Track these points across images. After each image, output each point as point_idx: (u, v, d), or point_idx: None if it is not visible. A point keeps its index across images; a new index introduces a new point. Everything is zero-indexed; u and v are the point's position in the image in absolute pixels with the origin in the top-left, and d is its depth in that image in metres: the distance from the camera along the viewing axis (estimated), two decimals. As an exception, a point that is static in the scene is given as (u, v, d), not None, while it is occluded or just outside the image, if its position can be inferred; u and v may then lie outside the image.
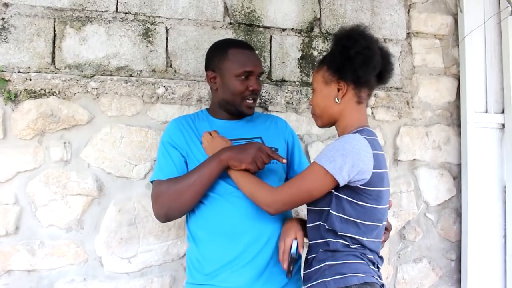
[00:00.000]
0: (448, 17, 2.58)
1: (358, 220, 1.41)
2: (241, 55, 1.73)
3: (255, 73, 1.73)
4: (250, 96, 1.73)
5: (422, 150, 2.49)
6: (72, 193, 1.96)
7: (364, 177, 1.38)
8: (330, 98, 1.50)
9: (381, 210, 1.45)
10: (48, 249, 1.93)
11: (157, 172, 1.70)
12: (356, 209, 1.41)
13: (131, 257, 2.02)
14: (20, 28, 1.94)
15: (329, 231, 1.44)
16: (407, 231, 2.44)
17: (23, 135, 1.92)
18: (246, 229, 1.59)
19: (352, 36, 1.47)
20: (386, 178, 1.47)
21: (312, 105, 1.58)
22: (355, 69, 1.44)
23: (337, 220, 1.42)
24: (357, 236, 1.41)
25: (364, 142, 1.39)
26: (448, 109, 2.56)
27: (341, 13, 2.37)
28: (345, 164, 1.35)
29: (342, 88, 1.49)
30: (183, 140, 1.72)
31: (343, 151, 1.37)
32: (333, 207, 1.42)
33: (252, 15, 2.23)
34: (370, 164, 1.37)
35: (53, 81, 1.95)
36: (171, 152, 1.70)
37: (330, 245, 1.43)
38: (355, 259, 1.41)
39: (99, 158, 2.00)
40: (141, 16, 2.08)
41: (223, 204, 1.62)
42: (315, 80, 1.56)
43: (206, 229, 1.65)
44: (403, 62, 2.48)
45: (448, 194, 2.54)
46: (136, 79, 2.04)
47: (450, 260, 2.53)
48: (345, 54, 1.45)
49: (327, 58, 1.56)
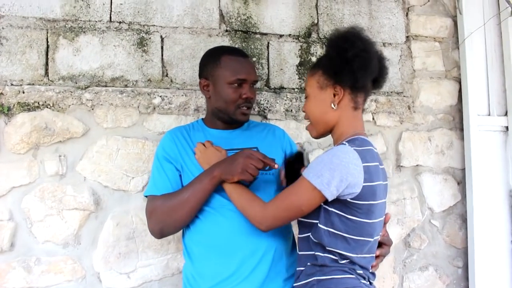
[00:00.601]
0: (447, 20, 2.54)
1: (347, 234, 1.35)
2: (234, 63, 1.69)
3: (248, 81, 1.69)
4: (244, 104, 1.69)
5: (425, 155, 2.45)
6: (68, 207, 1.92)
7: (353, 191, 1.32)
8: (326, 104, 1.43)
9: (372, 225, 1.38)
10: (45, 265, 1.88)
11: (151, 187, 1.67)
12: (345, 223, 1.35)
13: (130, 272, 1.97)
14: (12, 40, 1.91)
15: (317, 244, 1.39)
16: (412, 239, 2.39)
17: (17, 149, 1.88)
18: (241, 244, 1.54)
19: (348, 38, 1.40)
20: (380, 191, 1.40)
21: (306, 112, 1.50)
22: (353, 72, 1.37)
23: (325, 234, 1.37)
24: (346, 252, 1.36)
25: (354, 154, 1.32)
26: (450, 113, 2.52)
27: (339, 18, 2.34)
28: (333, 179, 1.29)
29: (338, 93, 1.42)
30: (177, 153, 1.69)
31: (330, 165, 1.31)
32: (322, 220, 1.37)
33: (249, 22, 2.20)
34: (360, 178, 1.31)
35: (46, 93, 1.91)
36: (165, 167, 1.67)
37: (318, 259, 1.39)
38: (343, 273, 1.36)
39: (96, 171, 1.95)
40: (136, 25, 2.05)
41: (217, 218, 1.58)
42: (309, 85, 1.48)
43: (200, 244, 1.61)
44: (403, 66, 2.44)
45: (453, 199, 2.49)
46: (131, 90, 2.00)
47: (457, 268, 2.47)
48: (342, 57, 1.38)
49: (321, 61, 1.50)
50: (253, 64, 1.78)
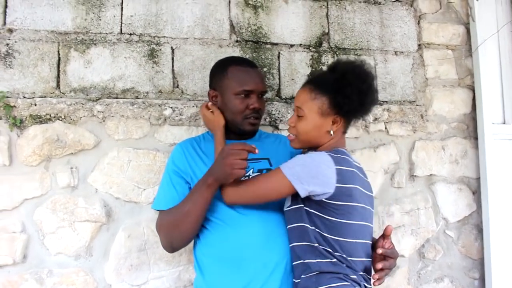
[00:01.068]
0: (460, 27, 2.51)
1: (328, 235, 1.42)
2: (240, 73, 1.69)
3: (255, 91, 1.68)
4: (251, 115, 1.69)
5: (439, 165, 2.41)
6: (80, 219, 1.92)
7: (327, 191, 1.39)
8: (323, 130, 1.51)
9: (352, 226, 1.43)
10: (57, 277, 1.88)
11: (159, 201, 1.67)
12: (325, 224, 1.43)
13: (142, 284, 1.96)
14: (24, 53, 1.93)
15: (308, 250, 1.44)
16: (426, 250, 2.35)
17: (29, 161, 1.89)
18: (252, 257, 1.52)
19: (360, 74, 1.49)
20: (358, 195, 1.45)
21: (297, 129, 1.53)
22: (359, 106, 1.48)
23: (313, 234, 1.44)
24: (333, 251, 1.42)
25: (327, 157, 1.42)
26: (464, 122, 2.48)
27: (350, 27, 2.32)
28: (303, 173, 1.40)
29: (337, 122, 1.51)
30: (187, 166, 1.68)
31: (303, 162, 1.43)
32: (307, 222, 1.45)
33: (259, 32, 2.19)
34: (332, 178, 1.39)
35: (58, 106, 1.92)
36: (174, 181, 1.67)
37: (312, 266, 1.43)
38: (339, 281, 1.39)
39: (107, 182, 1.95)
40: (146, 36, 2.05)
41: (227, 231, 1.56)
42: (308, 107, 1.51)
43: (211, 257, 1.60)
44: (416, 75, 2.41)
45: (468, 209, 2.44)
46: (142, 101, 2.00)
47: (473, 279, 2.42)
48: (351, 91, 1.45)
49: (324, 87, 1.51)
50: (261, 74, 1.76)
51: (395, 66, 2.37)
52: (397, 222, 2.30)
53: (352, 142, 2.27)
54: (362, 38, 2.33)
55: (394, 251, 1.53)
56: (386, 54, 2.36)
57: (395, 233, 2.28)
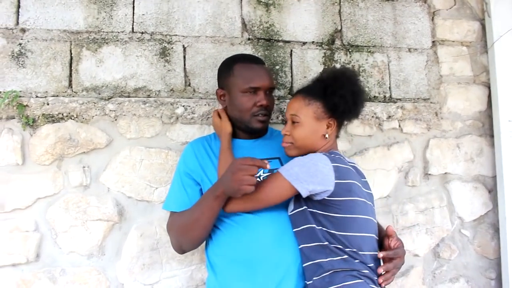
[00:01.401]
0: (475, 23, 2.47)
1: (338, 232, 1.44)
2: (246, 70, 1.68)
3: (262, 88, 1.67)
4: (259, 112, 1.68)
5: (454, 163, 2.37)
6: (92, 218, 1.92)
7: (327, 188, 1.42)
8: (318, 134, 1.57)
9: (357, 220, 1.46)
10: (70, 276, 1.88)
11: (170, 202, 1.69)
12: (331, 221, 1.45)
13: (154, 283, 1.95)
14: (37, 52, 1.93)
15: (319, 250, 1.45)
16: (441, 249, 2.31)
17: (42, 161, 1.89)
18: (264, 257, 1.51)
19: (349, 77, 1.60)
20: (358, 190, 1.49)
21: (294, 137, 1.57)
22: (349, 108, 1.56)
23: (321, 233, 1.45)
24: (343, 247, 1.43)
25: (323, 156, 1.48)
26: (480, 119, 2.44)
27: (363, 24, 2.30)
28: (301, 173, 1.43)
29: (332, 126, 1.58)
30: (198, 166, 1.68)
31: (300, 162, 1.47)
32: (313, 222, 1.47)
33: (271, 30, 2.17)
34: (331, 175, 1.43)
35: (70, 105, 1.92)
36: (185, 182, 1.68)
37: (324, 266, 1.44)
38: (352, 279, 1.40)
39: (119, 181, 1.95)
40: (158, 35, 2.04)
41: (240, 231, 1.55)
42: (303, 113, 1.57)
43: (223, 257, 1.59)
44: (430, 72, 2.37)
45: (484, 208, 2.40)
46: (154, 100, 1.99)
47: (490, 279, 2.38)
48: (341, 94, 1.53)
49: (316, 93, 1.58)
50: (268, 70, 1.74)
51: (408, 63, 2.34)
52: (412, 221, 2.27)
53: (365, 140, 2.24)
54: (375, 35, 2.30)
55: (398, 250, 1.53)
56: (400, 51, 2.33)
57: (409, 232, 2.25)
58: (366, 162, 2.21)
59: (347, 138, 2.22)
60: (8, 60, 1.91)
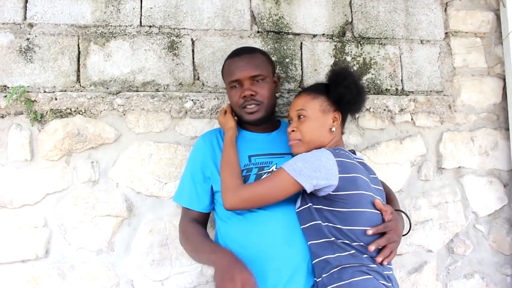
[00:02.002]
0: (489, 14, 2.41)
1: (345, 227, 1.42)
2: (229, 65, 1.72)
3: (242, 79, 1.66)
4: (245, 103, 1.67)
5: (468, 157, 2.32)
6: (101, 214, 1.90)
7: (331, 183, 1.42)
8: (326, 127, 1.59)
9: (363, 214, 1.45)
10: (79, 272, 1.87)
11: (180, 195, 1.74)
12: (337, 216, 1.44)
13: (164, 280, 1.93)
14: (44, 47, 1.92)
15: (326, 246, 1.44)
16: (455, 244, 2.27)
17: (50, 156, 1.88)
18: (274, 254, 1.49)
19: (349, 74, 1.64)
20: (363, 184, 1.48)
21: (302, 132, 1.58)
22: (353, 102, 1.59)
23: (327, 229, 1.44)
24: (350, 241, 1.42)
25: (326, 151, 1.47)
26: (494, 112, 2.39)
27: (374, 16, 2.25)
28: (305, 168, 1.42)
29: (337, 119, 1.61)
30: (209, 159, 1.68)
31: (304, 158, 1.47)
32: (318, 219, 1.46)
33: (281, 22, 2.14)
34: (334, 170, 1.42)
35: (78, 100, 1.90)
36: (195, 177, 1.69)
37: (332, 262, 1.43)
38: (361, 275, 1.39)
39: (128, 177, 1.93)
40: (166, 28, 2.02)
41: (249, 227, 1.53)
42: (310, 107, 1.59)
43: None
44: (443, 64, 2.32)
45: (499, 203, 2.35)
46: (163, 94, 1.97)
47: (506, 275, 2.33)
48: (344, 88, 1.56)
49: (321, 88, 1.64)
50: (249, 60, 1.69)
51: (421, 55, 2.29)
52: (425, 216, 2.23)
53: (377, 133, 2.20)
54: (386, 27, 2.26)
55: (388, 224, 1.49)
56: (412, 43, 2.29)
57: (422, 227, 2.21)
58: (378, 156, 2.17)
59: (359, 132, 2.18)
60: (16, 55, 1.89)
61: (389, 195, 1.73)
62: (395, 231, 1.49)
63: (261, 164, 1.64)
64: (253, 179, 1.60)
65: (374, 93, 2.20)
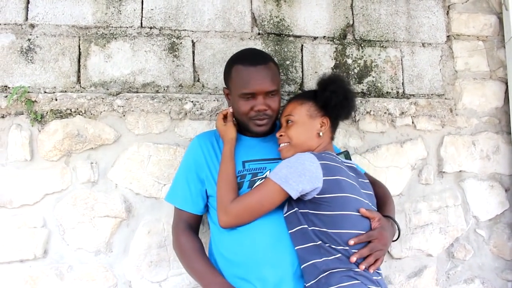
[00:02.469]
0: (492, 17, 2.40)
1: (330, 230, 1.42)
2: (242, 74, 1.62)
3: (259, 93, 1.61)
4: (256, 116, 1.63)
5: (469, 161, 2.31)
6: (100, 215, 1.90)
7: (316, 186, 1.42)
8: (313, 132, 1.62)
9: (349, 217, 1.45)
10: (77, 273, 1.88)
11: (172, 195, 1.72)
12: (322, 220, 1.44)
13: (162, 281, 1.93)
14: (45, 48, 1.92)
15: (313, 251, 1.43)
16: (455, 249, 2.25)
17: (50, 156, 1.88)
18: (262, 260, 1.49)
19: (339, 80, 1.68)
20: (349, 187, 1.48)
21: (290, 136, 1.61)
22: (340, 108, 1.62)
23: (313, 233, 1.44)
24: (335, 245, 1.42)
25: (310, 155, 1.48)
26: (496, 116, 2.37)
27: (375, 18, 2.25)
28: (290, 174, 1.43)
29: (325, 123, 1.63)
30: (204, 161, 1.67)
31: (288, 164, 1.47)
32: (304, 223, 1.46)
33: (282, 24, 2.14)
34: (319, 173, 1.43)
35: (78, 100, 1.90)
36: (189, 177, 1.68)
37: (319, 266, 1.42)
38: (348, 280, 1.38)
39: (127, 178, 1.93)
40: (167, 30, 2.02)
41: (239, 233, 1.53)
42: (297, 112, 1.63)
43: (224, 259, 1.58)
44: (444, 67, 2.31)
45: (500, 207, 2.33)
46: (162, 95, 1.97)
47: (507, 281, 2.31)
48: (332, 95, 1.60)
49: (309, 95, 1.68)
50: (267, 72, 1.64)
51: (422, 58, 2.28)
52: (425, 220, 2.21)
53: (377, 137, 2.20)
54: (388, 30, 2.25)
55: (371, 232, 1.48)
56: (413, 46, 2.28)
57: (422, 231, 2.20)
58: (378, 159, 2.17)
59: (359, 135, 2.17)
60: (17, 56, 1.90)
61: (383, 199, 1.72)
62: (379, 240, 1.47)
63: (254, 170, 1.63)
64: (246, 185, 1.60)
65: (375, 96, 2.19)
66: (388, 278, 2.15)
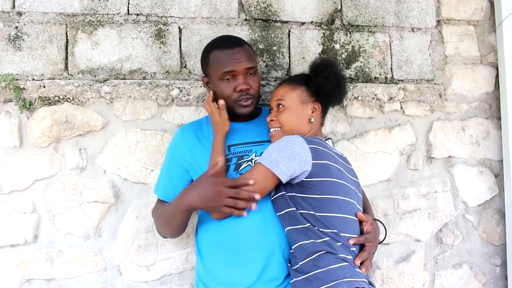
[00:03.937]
0: (483, 1, 2.37)
1: (318, 213, 1.43)
2: (220, 56, 1.64)
3: (238, 71, 1.62)
4: (240, 97, 1.64)
5: (459, 146, 2.30)
6: (88, 200, 1.93)
7: (305, 169, 1.43)
8: (304, 117, 1.61)
9: (337, 201, 1.47)
10: (67, 257, 1.91)
11: (157, 187, 1.77)
12: (310, 203, 1.45)
13: (150, 265, 1.96)
14: (33, 35, 1.94)
15: (302, 232, 1.45)
16: (444, 234, 2.26)
17: (39, 143, 1.91)
18: (250, 243, 1.51)
19: (330, 65, 1.67)
20: (338, 172, 1.50)
21: (282, 122, 1.60)
22: (332, 93, 1.61)
23: (303, 216, 1.45)
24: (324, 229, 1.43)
25: (299, 138, 1.48)
26: (486, 101, 2.36)
27: (364, 3, 2.23)
28: (280, 158, 1.43)
29: (317, 110, 1.63)
30: (188, 152, 1.69)
31: (277, 147, 1.47)
32: (292, 206, 1.47)
33: (269, 10, 2.13)
34: (308, 156, 1.44)
35: (66, 87, 1.92)
36: (172, 170, 1.71)
37: (306, 248, 1.43)
38: (338, 262, 1.40)
39: (115, 164, 1.96)
40: (153, 17, 2.03)
41: (228, 217, 1.53)
42: (289, 97, 1.62)
43: (211, 243, 1.60)
44: (434, 52, 2.30)
45: (490, 193, 2.33)
46: (149, 82, 1.98)
47: (495, 266, 2.32)
48: (324, 80, 1.59)
49: (301, 79, 1.67)
50: (244, 51, 1.65)
51: (411, 43, 2.27)
52: (413, 206, 2.22)
53: (365, 122, 2.20)
54: (376, 15, 2.24)
55: (368, 236, 1.52)
56: (402, 31, 2.27)
57: (410, 216, 2.21)
58: (366, 144, 2.17)
59: (347, 120, 2.18)
60: (5, 44, 1.92)
61: (365, 203, 1.73)
62: (373, 244, 1.54)
63: (240, 153, 1.65)
64: (232, 168, 1.61)
65: (363, 81, 2.19)
66: (376, 263, 2.16)
